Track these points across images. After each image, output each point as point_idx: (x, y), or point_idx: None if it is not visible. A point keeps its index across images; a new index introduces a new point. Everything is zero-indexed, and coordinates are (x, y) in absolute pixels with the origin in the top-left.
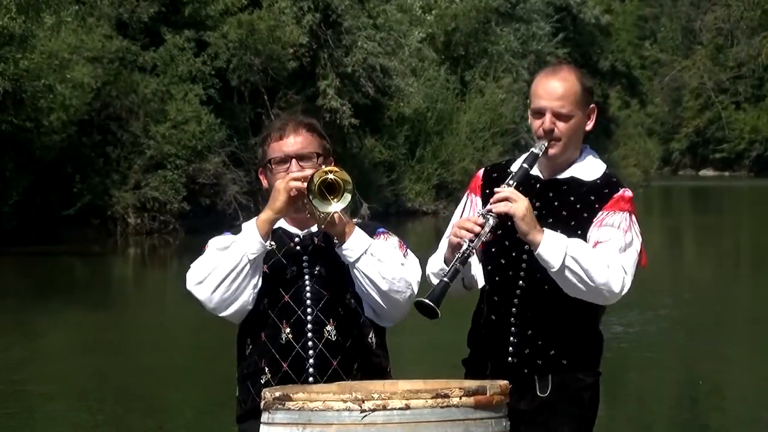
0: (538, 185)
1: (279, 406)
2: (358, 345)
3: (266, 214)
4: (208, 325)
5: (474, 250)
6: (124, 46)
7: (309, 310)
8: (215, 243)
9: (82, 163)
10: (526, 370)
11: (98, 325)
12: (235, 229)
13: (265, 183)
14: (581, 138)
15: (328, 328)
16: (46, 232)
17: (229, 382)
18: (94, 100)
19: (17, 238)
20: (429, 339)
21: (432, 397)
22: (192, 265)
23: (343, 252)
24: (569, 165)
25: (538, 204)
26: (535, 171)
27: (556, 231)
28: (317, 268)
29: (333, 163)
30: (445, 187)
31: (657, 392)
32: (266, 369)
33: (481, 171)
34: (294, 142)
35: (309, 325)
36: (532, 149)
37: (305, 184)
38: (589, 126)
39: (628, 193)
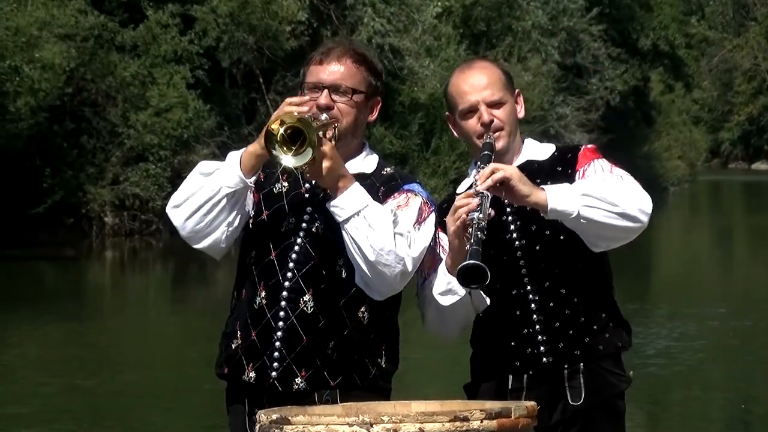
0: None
1: (276, 431)
2: (338, 320)
3: (253, 147)
4: (194, 338)
5: (485, 226)
6: (100, 22)
7: (290, 274)
8: (201, 166)
9: (52, 154)
10: (566, 366)
11: (72, 339)
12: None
13: None
14: (518, 125)
15: (306, 297)
16: (12, 234)
17: (220, 400)
18: (66, 83)
19: None
20: (443, 356)
21: (449, 420)
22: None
23: (331, 209)
24: (516, 155)
25: (508, 201)
26: None
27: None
28: (316, 225)
29: (379, 105)
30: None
31: (704, 414)
32: (239, 333)
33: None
34: (333, 70)
35: (284, 292)
36: (484, 141)
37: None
38: (521, 112)
39: (590, 146)
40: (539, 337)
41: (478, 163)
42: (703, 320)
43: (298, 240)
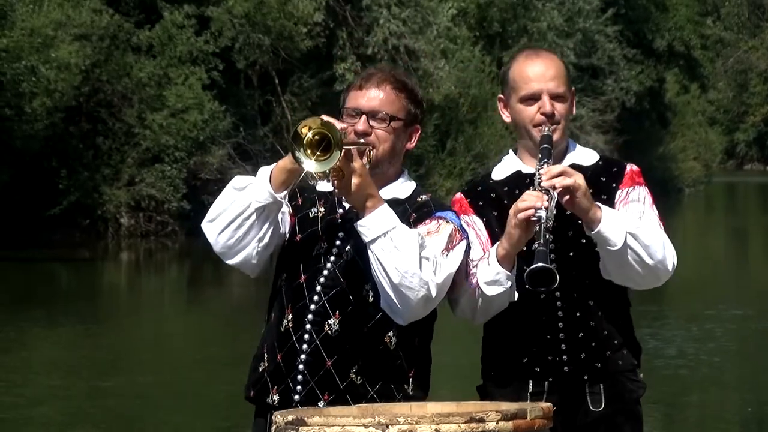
0: None
1: None
2: (363, 344)
3: (284, 162)
4: (210, 339)
5: (551, 225)
6: (116, 22)
7: (316, 298)
8: (235, 181)
9: (68, 155)
10: (585, 377)
11: (87, 340)
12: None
13: None
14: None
15: (331, 321)
16: (28, 235)
17: (236, 402)
18: (82, 83)
19: None
20: (460, 357)
21: (465, 422)
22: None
23: (359, 229)
24: (563, 155)
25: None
26: (530, 168)
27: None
28: (346, 249)
29: (419, 133)
30: (470, 182)
31: (720, 416)
32: (266, 356)
33: (459, 194)
34: (372, 96)
35: (310, 315)
36: (542, 134)
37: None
38: (574, 110)
39: (636, 167)
40: (562, 345)
41: (540, 157)
42: (719, 322)
43: (328, 264)
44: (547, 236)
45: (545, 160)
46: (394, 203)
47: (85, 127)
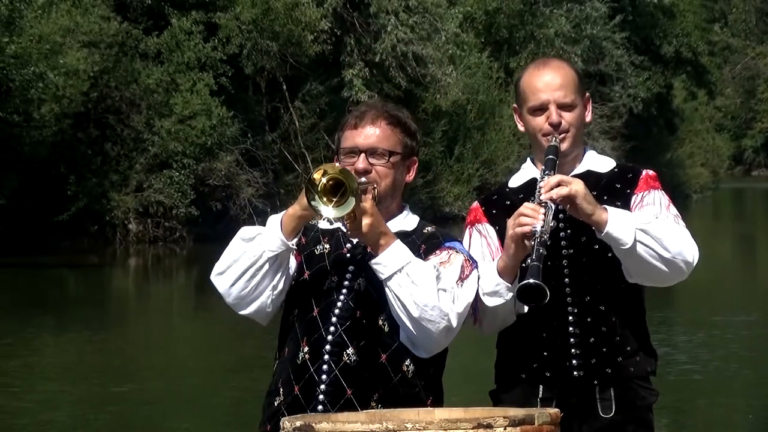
0: None
1: None
2: (382, 373)
3: (293, 209)
4: (218, 345)
5: (548, 239)
6: (124, 29)
7: (332, 329)
8: (242, 232)
9: (76, 162)
10: (595, 382)
11: (95, 346)
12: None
13: None
14: (583, 131)
15: (349, 351)
16: (36, 241)
17: (243, 408)
18: (90, 90)
19: (3, 247)
20: (466, 363)
21: (473, 427)
22: (222, 255)
23: (374, 267)
24: (578, 162)
25: (561, 206)
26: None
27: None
28: (358, 282)
29: (416, 165)
30: (488, 190)
31: (728, 422)
32: (281, 390)
33: (475, 203)
34: (369, 134)
35: (327, 346)
36: (549, 144)
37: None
38: (588, 117)
39: (652, 172)
40: (573, 350)
41: (543, 168)
42: (727, 327)
43: (341, 297)
44: (541, 251)
45: (547, 171)
46: (402, 236)
47: (94, 133)
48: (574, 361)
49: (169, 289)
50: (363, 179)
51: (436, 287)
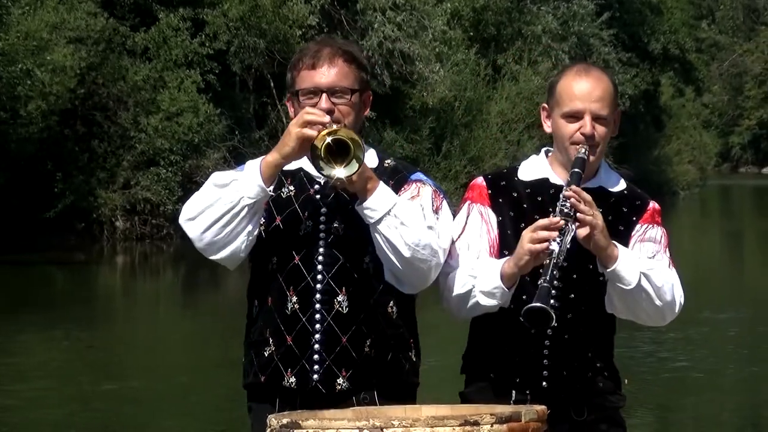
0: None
1: None
2: (372, 318)
3: (273, 157)
4: (205, 342)
5: (563, 262)
6: (111, 25)
7: (320, 277)
8: (215, 178)
9: (63, 159)
10: (563, 395)
11: (82, 343)
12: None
13: (292, 113)
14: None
15: (340, 298)
16: (23, 238)
17: (232, 406)
18: (77, 87)
19: None
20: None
21: (460, 425)
22: (190, 199)
23: (363, 211)
24: (594, 175)
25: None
26: (557, 179)
27: None
28: (335, 224)
29: (371, 98)
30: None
31: (716, 419)
32: (271, 340)
33: (481, 179)
34: (327, 73)
35: (318, 295)
36: (578, 155)
37: (318, 133)
38: (615, 131)
39: (657, 206)
40: (544, 361)
41: (569, 180)
42: (714, 325)
43: (321, 242)
44: (555, 272)
45: (572, 184)
46: None
47: (81, 130)
48: (544, 372)
49: (156, 286)
50: (327, 117)
51: (425, 225)
